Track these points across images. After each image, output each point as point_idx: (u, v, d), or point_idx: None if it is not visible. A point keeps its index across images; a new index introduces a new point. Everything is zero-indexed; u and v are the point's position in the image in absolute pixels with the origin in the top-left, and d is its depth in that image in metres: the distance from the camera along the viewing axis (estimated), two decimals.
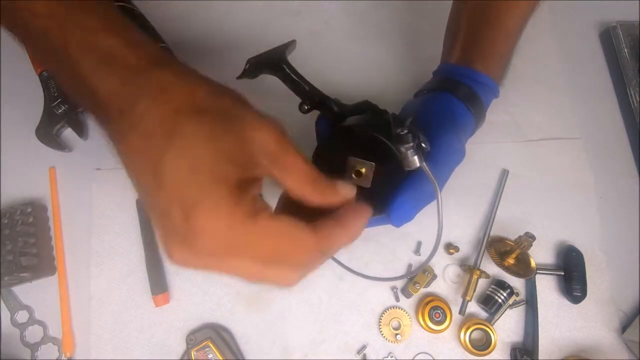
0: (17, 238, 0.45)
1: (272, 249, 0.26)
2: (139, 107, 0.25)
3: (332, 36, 0.57)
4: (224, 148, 0.25)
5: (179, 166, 0.24)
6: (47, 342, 0.47)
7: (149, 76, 0.26)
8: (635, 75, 0.55)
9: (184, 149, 0.24)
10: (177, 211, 0.24)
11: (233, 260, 0.26)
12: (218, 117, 0.25)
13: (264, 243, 0.26)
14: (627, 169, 0.54)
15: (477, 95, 0.42)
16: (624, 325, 0.49)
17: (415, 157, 0.34)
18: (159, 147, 0.24)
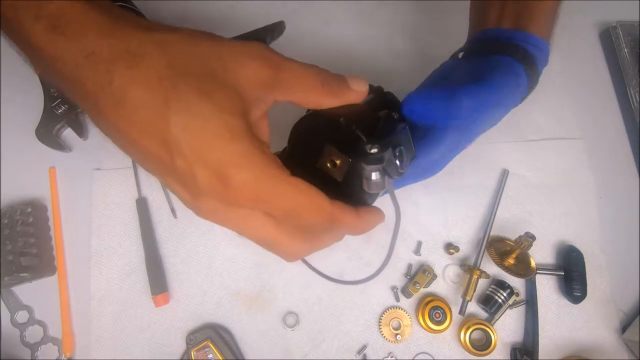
0: (17, 238, 0.45)
1: (289, 204, 0.26)
2: (117, 81, 0.23)
3: (332, 36, 0.57)
4: (220, 102, 0.25)
5: (190, 131, 0.24)
6: (47, 342, 0.47)
7: (115, 40, 0.24)
8: (635, 75, 0.55)
9: (186, 113, 0.24)
10: (202, 172, 0.24)
11: (252, 214, 0.27)
12: (202, 73, 0.25)
13: (284, 197, 0.26)
14: (627, 169, 0.54)
15: (533, 58, 0.39)
16: (624, 325, 0.49)
17: (379, 180, 0.29)
18: (159, 116, 0.24)
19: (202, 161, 0.24)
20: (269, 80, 0.27)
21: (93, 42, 0.24)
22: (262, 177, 0.25)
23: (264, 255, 0.49)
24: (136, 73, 0.24)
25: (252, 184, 0.25)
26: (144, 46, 0.24)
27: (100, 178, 0.50)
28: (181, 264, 0.49)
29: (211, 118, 0.24)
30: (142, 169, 0.51)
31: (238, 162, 0.24)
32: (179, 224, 0.50)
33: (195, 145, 0.24)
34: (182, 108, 0.24)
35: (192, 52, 0.25)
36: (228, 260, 0.49)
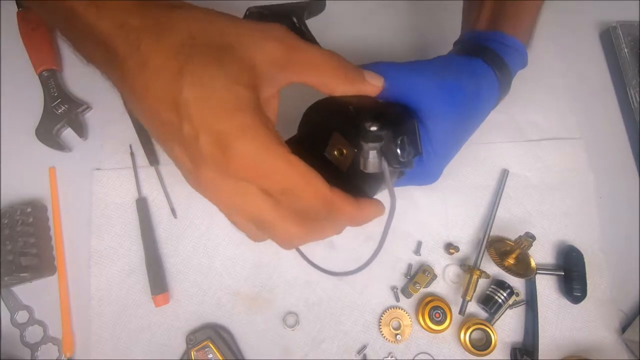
0: (17, 238, 0.45)
1: (287, 182, 0.27)
2: (143, 47, 0.26)
3: (332, 35, 0.57)
4: (233, 74, 0.26)
5: (199, 97, 0.25)
6: (47, 342, 0.47)
7: (145, 14, 0.26)
8: (635, 75, 0.55)
9: (198, 81, 0.25)
10: (205, 139, 0.25)
11: (250, 188, 0.27)
12: (219, 45, 0.26)
13: (282, 174, 0.26)
14: (627, 169, 0.54)
15: (503, 60, 0.40)
16: (623, 325, 0.49)
17: (376, 160, 0.29)
18: (174, 81, 0.25)
19: (206, 128, 0.25)
20: (282, 60, 0.28)
21: (126, 14, 0.26)
22: (262, 150, 0.26)
23: (264, 255, 0.49)
24: (160, 41, 0.26)
25: (251, 156, 0.25)
26: (170, 20, 0.26)
27: (100, 178, 0.50)
28: (181, 264, 0.49)
29: (221, 87, 0.25)
30: (142, 169, 0.51)
31: (240, 133, 0.25)
32: (179, 224, 0.50)
33: (203, 111, 0.25)
34: (195, 75, 0.25)
35: (213, 27, 0.27)
36: (228, 260, 0.49)
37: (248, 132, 0.25)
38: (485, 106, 0.40)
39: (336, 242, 0.49)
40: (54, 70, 0.52)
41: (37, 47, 0.52)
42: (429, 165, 0.37)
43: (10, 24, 0.53)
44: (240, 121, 0.25)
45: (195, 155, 0.26)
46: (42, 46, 0.52)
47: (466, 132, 0.40)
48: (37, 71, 0.52)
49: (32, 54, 0.52)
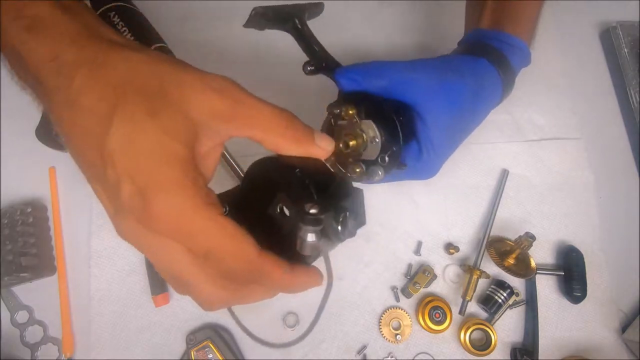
0: (17, 238, 0.45)
1: (211, 244, 0.25)
2: (75, 82, 0.24)
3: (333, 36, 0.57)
4: (166, 125, 0.24)
5: (126, 144, 0.24)
6: (47, 342, 0.47)
7: (83, 49, 0.25)
8: (635, 75, 0.55)
9: (128, 128, 0.24)
10: (128, 188, 0.24)
11: (172, 245, 0.25)
12: (156, 92, 0.25)
13: (206, 235, 0.25)
14: (627, 169, 0.54)
15: (507, 59, 0.41)
16: (623, 326, 0.49)
17: (314, 243, 0.27)
18: (102, 124, 0.24)
19: (129, 178, 0.24)
20: (225, 113, 0.26)
21: (62, 47, 0.25)
22: (187, 209, 0.24)
23: None
24: (94, 79, 0.24)
25: (174, 214, 0.24)
26: (109, 58, 0.25)
27: None
28: None
29: (151, 138, 0.24)
30: None
31: (164, 188, 0.24)
32: None
33: (128, 160, 0.24)
34: (125, 121, 0.24)
35: (153, 71, 0.25)
36: None
37: (173, 188, 0.24)
38: (486, 105, 0.41)
39: None
40: None
41: None
42: (428, 161, 0.37)
43: None
44: (166, 176, 0.24)
45: (116, 203, 0.25)
46: None
47: (465, 130, 0.40)
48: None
49: None
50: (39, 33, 0.25)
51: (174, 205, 0.24)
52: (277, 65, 0.55)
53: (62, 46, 0.25)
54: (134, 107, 0.24)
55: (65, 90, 0.24)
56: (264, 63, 0.55)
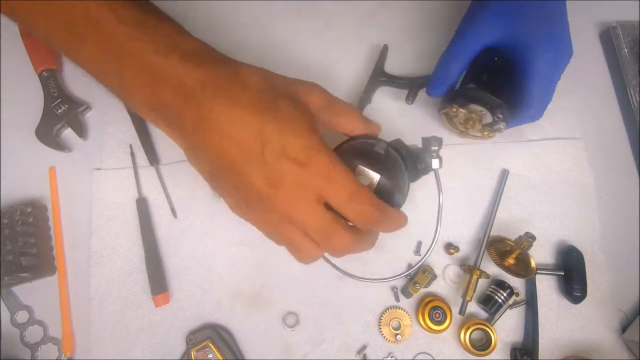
0: (17, 238, 0.45)
1: (353, 188, 0.34)
2: (230, 91, 0.32)
3: (333, 36, 0.57)
4: (301, 110, 0.34)
5: (281, 126, 0.32)
6: (47, 342, 0.47)
7: (219, 73, 0.33)
8: (635, 75, 0.55)
9: (279, 116, 0.33)
10: (286, 159, 0.32)
11: (316, 200, 0.34)
12: (288, 93, 0.35)
13: (349, 182, 0.34)
14: (627, 169, 0.54)
15: None
16: (623, 325, 0.49)
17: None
18: (260, 116, 0.32)
19: (290, 147, 0.32)
20: (325, 107, 0.37)
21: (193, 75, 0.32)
22: (333, 162, 0.33)
23: (264, 255, 0.49)
24: (246, 88, 0.33)
25: (325, 167, 0.33)
26: (242, 75, 0.33)
27: (100, 178, 0.50)
28: (181, 264, 0.49)
29: (297, 120, 0.33)
30: (142, 169, 0.51)
31: (315, 150, 0.32)
32: (179, 224, 0.50)
33: (285, 136, 0.32)
34: (277, 111, 0.33)
35: (277, 80, 0.35)
36: (228, 260, 0.49)
37: (321, 149, 0.33)
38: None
39: None
40: (54, 70, 0.52)
41: (37, 47, 0.52)
42: (538, 104, 0.45)
43: (10, 24, 0.53)
44: (316, 141, 0.33)
45: (273, 175, 0.32)
46: (42, 46, 0.52)
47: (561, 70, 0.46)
48: (37, 71, 0.52)
49: (32, 54, 0.52)
50: (192, 58, 0.33)
51: (325, 160, 0.33)
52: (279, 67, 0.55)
53: (193, 75, 0.32)
54: (281, 102, 0.33)
55: (217, 98, 0.32)
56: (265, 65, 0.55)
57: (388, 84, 0.53)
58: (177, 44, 0.32)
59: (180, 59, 0.32)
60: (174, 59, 0.32)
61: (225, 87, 0.32)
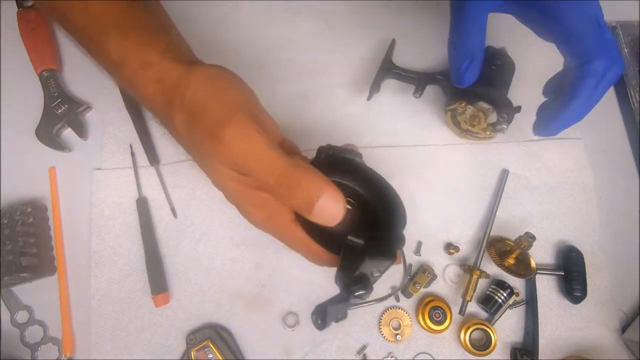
0: (17, 238, 0.45)
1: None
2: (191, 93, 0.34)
3: (334, 35, 0.57)
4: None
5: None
6: (47, 342, 0.47)
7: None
8: (635, 75, 0.55)
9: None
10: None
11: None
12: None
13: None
14: (627, 169, 0.54)
15: None
16: (624, 325, 0.49)
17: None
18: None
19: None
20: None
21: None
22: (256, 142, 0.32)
23: (264, 255, 0.49)
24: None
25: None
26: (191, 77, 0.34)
27: (100, 178, 0.50)
28: (181, 264, 0.49)
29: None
30: (142, 169, 0.51)
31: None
32: (179, 224, 0.50)
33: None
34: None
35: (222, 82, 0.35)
36: (228, 260, 0.49)
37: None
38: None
39: None
40: (54, 70, 0.52)
41: (37, 47, 0.52)
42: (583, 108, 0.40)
43: (10, 24, 0.53)
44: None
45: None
46: (42, 46, 0.52)
47: None
48: (37, 71, 0.52)
49: (32, 54, 0.52)
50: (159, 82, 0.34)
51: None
52: (278, 66, 0.55)
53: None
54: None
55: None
56: (264, 64, 0.55)
57: (396, 77, 0.52)
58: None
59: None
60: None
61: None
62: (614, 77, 0.38)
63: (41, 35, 0.53)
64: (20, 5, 0.54)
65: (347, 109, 0.54)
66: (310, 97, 0.54)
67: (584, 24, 0.37)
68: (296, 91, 0.54)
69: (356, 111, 0.54)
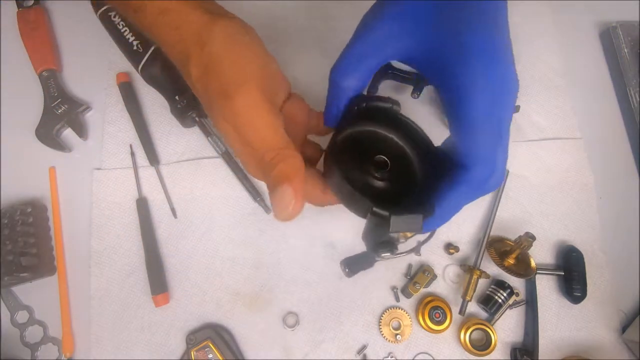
0: (17, 238, 0.45)
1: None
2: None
3: (333, 34, 0.57)
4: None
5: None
6: (47, 342, 0.47)
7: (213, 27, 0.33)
8: (635, 75, 0.55)
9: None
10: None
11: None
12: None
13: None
14: (627, 169, 0.54)
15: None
16: (624, 325, 0.49)
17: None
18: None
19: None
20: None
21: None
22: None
23: (264, 255, 0.49)
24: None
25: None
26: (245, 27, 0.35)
27: (100, 178, 0.50)
28: (181, 264, 0.49)
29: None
30: (142, 169, 0.51)
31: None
32: (179, 224, 0.50)
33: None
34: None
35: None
36: (228, 260, 0.49)
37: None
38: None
39: (337, 241, 0.49)
40: (54, 70, 0.52)
41: (37, 47, 0.52)
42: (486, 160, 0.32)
43: (10, 24, 0.53)
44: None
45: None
46: (42, 46, 0.52)
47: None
48: (37, 71, 0.52)
49: (32, 54, 0.52)
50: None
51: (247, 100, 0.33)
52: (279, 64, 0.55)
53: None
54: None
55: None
56: None
57: (394, 77, 0.52)
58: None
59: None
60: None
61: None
62: (488, 190, 0.32)
63: (41, 35, 0.53)
64: (20, 5, 0.54)
65: None
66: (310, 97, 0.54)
67: (483, 122, 0.30)
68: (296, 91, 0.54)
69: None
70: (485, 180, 0.32)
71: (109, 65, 0.54)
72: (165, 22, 0.34)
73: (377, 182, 0.35)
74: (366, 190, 0.33)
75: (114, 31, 0.50)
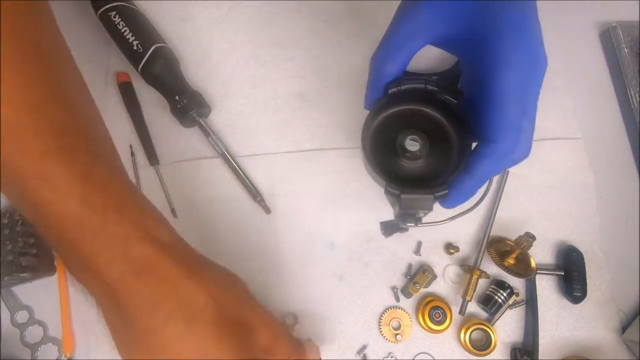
0: (17, 238, 0.45)
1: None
2: (162, 313, 0.27)
3: (332, 35, 0.57)
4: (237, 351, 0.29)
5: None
6: (47, 342, 0.47)
7: (176, 288, 0.28)
8: (635, 75, 0.55)
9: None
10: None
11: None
12: (232, 325, 0.30)
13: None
14: (627, 169, 0.54)
15: None
16: (624, 325, 0.49)
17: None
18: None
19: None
20: (268, 348, 0.32)
21: (157, 286, 0.28)
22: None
23: (264, 255, 0.49)
24: (181, 316, 0.28)
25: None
26: (196, 299, 0.29)
27: None
28: None
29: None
30: (142, 169, 0.51)
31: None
32: (179, 224, 0.49)
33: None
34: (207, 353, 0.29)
35: (228, 306, 0.31)
36: (228, 260, 0.49)
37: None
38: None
39: (337, 241, 0.49)
40: None
41: None
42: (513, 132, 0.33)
43: None
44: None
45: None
46: None
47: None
48: None
49: None
50: (141, 274, 0.28)
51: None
52: (278, 65, 0.55)
53: (159, 285, 0.28)
54: (217, 344, 0.29)
55: (149, 313, 0.28)
56: (264, 63, 0.55)
57: None
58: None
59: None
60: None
61: (153, 306, 0.28)
62: (513, 161, 0.34)
63: None
64: None
65: (347, 110, 0.54)
66: (310, 97, 0.54)
67: (513, 94, 0.31)
68: (296, 91, 0.54)
69: (356, 112, 0.54)
70: (511, 151, 0.33)
71: (108, 65, 0.54)
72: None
73: (410, 162, 0.37)
74: (401, 168, 0.37)
75: (114, 31, 0.50)
